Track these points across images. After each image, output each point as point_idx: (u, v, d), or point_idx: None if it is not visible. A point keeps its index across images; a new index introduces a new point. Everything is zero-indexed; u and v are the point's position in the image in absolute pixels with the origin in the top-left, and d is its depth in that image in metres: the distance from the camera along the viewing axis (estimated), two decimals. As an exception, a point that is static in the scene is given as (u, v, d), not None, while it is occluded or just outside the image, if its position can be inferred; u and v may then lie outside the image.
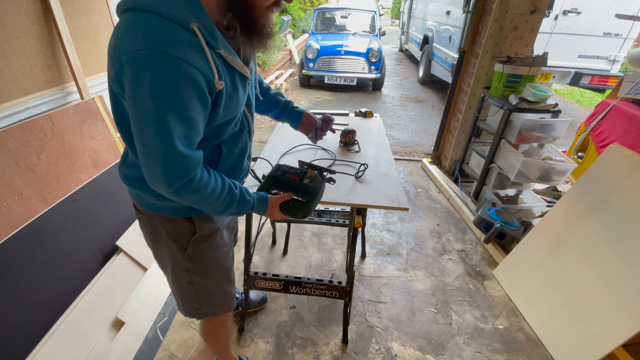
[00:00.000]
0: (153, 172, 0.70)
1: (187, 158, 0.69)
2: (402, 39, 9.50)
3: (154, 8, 0.63)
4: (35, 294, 1.28)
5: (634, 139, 2.12)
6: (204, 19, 0.67)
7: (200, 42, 0.66)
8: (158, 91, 0.62)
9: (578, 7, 4.26)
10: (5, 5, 1.35)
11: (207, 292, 1.03)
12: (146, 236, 0.97)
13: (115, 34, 0.67)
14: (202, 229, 0.92)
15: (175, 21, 0.64)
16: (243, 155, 0.93)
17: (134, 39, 0.62)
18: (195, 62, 0.64)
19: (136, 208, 0.93)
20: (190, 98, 0.66)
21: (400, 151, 3.77)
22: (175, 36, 0.63)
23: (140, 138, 0.67)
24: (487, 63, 2.59)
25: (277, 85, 5.82)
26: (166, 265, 0.99)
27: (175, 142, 0.66)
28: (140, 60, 0.61)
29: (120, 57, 0.62)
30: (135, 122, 0.66)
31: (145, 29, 0.62)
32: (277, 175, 1.00)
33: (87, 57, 1.83)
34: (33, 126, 1.42)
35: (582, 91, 6.58)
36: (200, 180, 0.74)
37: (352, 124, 1.79)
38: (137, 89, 0.62)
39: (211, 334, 1.20)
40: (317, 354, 1.53)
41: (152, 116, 0.64)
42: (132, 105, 0.65)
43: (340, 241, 2.24)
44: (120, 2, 0.68)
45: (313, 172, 1.01)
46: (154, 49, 0.60)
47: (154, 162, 0.68)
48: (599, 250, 1.53)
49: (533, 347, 1.60)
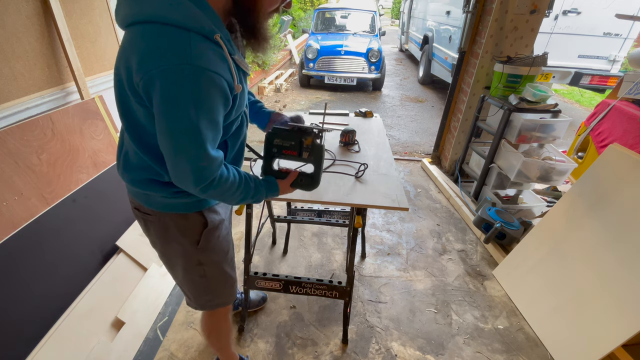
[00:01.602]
0: (183, 174, 0.75)
1: (215, 160, 0.76)
2: (402, 39, 9.50)
3: (181, 23, 0.66)
4: (35, 294, 1.28)
5: (634, 139, 2.11)
6: (222, 28, 0.72)
7: (224, 52, 0.72)
8: (195, 103, 0.67)
9: (578, 7, 4.26)
10: (5, 5, 1.35)
11: (218, 280, 1.07)
12: (154, 237, 0.97)
13: (133, 46, 0.68)
14: (212, 220, 0.96)
15: (201, 33, 0.68)
16: (243, 144, 0.98)
17: (165, 53, 0.64)
18: (222, 72, 0.70)
19: (140, 210, 0.93)
20: (219, 104, 0.72)
21: (400, 151, 3.77)
22: (204, 49, 0.67)
23: (172, 146, 0.71)
24: (487, 63, 2.59)
25: (277, 85, 5.82)
26: (175, 264, 1.00)
27: (207, 147, 0.72)
28: (175, 75, 0.64)
29: (151, 70, 0.65)
30: (168, 132, 0.70)
31: (176, 43, 0.65)
32: (273, 153, 1.00)
33: (87, 57, 1.83)
34: (33, 126, 1.42)
35: (582, 91, 6.57)
36: (221, 177, 0.80)
37: (352, 124, 1.78)
38: (173, 102, 0.66)
39: (214, 329, 1.21)
40: (317, 354, 1.53)
41: (189, 126, 0.68)
42: (165, 116, 0.68)
43: (340, 241, 2.24)
44: (129, 14, 0.69)
45: (309, 140, 0.97)
46: (188, 63, 0.64)
47: (186, 166, 0.73)
48: (599, 250, 1.53)
49: (533, 347, 1.60)
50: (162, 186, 0.85)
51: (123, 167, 0.87)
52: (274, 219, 2.00)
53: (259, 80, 6.07)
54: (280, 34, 7.35)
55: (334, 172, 1.36)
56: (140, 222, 0.97)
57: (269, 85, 5.84)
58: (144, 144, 0.79)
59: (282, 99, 5.40)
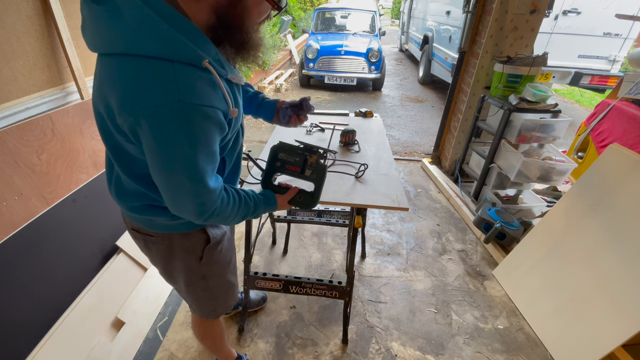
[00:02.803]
0: (183, 207, 0.71)
1: (215, 191, 0.73)
2: (402, 39, 9.50)
3: (162, 54, 0.59)
4: (35, 294, 1.28)
5: (634, 139, 2.11)
6: (210, 49, 0.65)
7: (215, 78, 0.65)
8: (190, 142, 0.63)
9: (578, 7, 4.26)
10: (5, 5, 1.35)
11: (222, 290, 1.07)
12: (156, 257, 0.96)
13: (115, 83, 0.61)
14: (214, 235, 0.94)
15: (187, 62, 0.61)
16: (239, 156, 0.95)
17: (150, 92, 0.59)
18: (215, 102, 0.65)
19: (139, 232, 0.90)
20: (214, 135, 0.67)
21: (400, 151, 3.77)
22: (193, 82, 0.61)
23: (168, 184, 0.68)
24: (487, 63, 2.59)
25: (277, 85, 5.82)
26: (178, 279, 0.99)
27: (206, 180, 0.69)
28: (164, 115, 0.59)
29: (136, 112, 0.59)
30: (162, 171, 0.66)
31: (160, 79, 0.59)
32: (276, 167, 1.00)
33: (87, 57, 1.82)
34: (33, 126, 1.42)
35: (582, 91, 6.57)
36: (222, 204, 0.77)
37: (352, 124, 1.78)
38: (166, 143, 0.62)
39: (208, 333, 1.21)
40: (317, 354, 1.53)
41: (184, 164, 0.65)
42: (157, 156, 0.64)
43: (340, 241, 2.24)
44: (103, 44, 0.62)
45: (313, 158, 0.98)
46: (177, 101, 0.59)
47: (186, 201, 0.70)
48: (599, 250, 1.53)
49: (533, 347, 1.60)
50: (163, 210, 0.81)
51: (117, 195, 0.83)
52: (274, 219, 2.00)
53: (259, 80, 6.07)
54: (280, 34, 7.35)
55: (334, 172, 1.36)
56: (140, 242, 0.94)
57: (269, 85, 5.84)
58: (136, 174, 0.75)
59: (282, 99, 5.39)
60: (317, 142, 1.62)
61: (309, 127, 1.76)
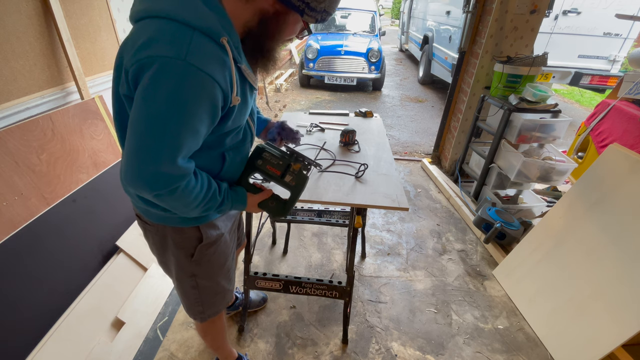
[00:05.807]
0: (140, 174, 0.66)
1: (180, 169, 0.69)
2: (402, 39, 9.50)
3: (187, 20, 0.63)
4: (35, 294, 1.28)
5: (634, 139, 2.11)
6: (233, 34, 0.69)
7: (228, 57, 0.67)
8: (175, 100, 0.62)
9: (578, 7, 4.26)
10: (5, 5, 1.35)
11: (211, 293, 1.06)
12: (152, 246, 0.99)
13: (134, 38, 0.65)
14: (208, 236, 0.94)
15: (206, 34, 0.64)
16: (244, 163, 0.94)
17: (162, 45, 0.61)
18: (218, 77, 0.65)
19: (140, 219, 0.93)
20: (203, 112, 0.66)
21: (400, 151, 3.77)
22: (204, 48, 0.64)
23: (137, 139, 0.64)
24: (487, 63, 2.59)
25: (277, 85, 5.82)
26: (172, 271, 1.01)
27: (175, 153, 0.66)
28: (165, 66, 0.61)
29: (142, 58, 0.61)
30: (138, 122, 0.64)
31: (175, 37, 0.62)
32: (257, 165, 0.95)
33: (87, 57, 1.82)
34: (33, 126, 1.42)
35: (582, 91, 6.57)
36: (185, 189, 0.72)
37: (352, 124, 1.79)
38: (154, 92, 0.62)
39: (209, 329, 1.21)
40: (317, 354, 1.53)
41: (161, 122, 0.63)
42: (141, 105, 0.63)
43: (340, 241, 2.24)
44: (140, 9, 0.67)
45: (297, 166, 0.95)
46: (182, 59, 0.61)
47: (145, 165, 0.65)
48: (599, 250, 1.53)
49: (533, 347, 1.60)
50: None
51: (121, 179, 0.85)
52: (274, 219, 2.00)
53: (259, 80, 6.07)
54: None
55: (334, 172, 1.36)
56: (141, 229, 0.97)
57: (269, 85, 5.84)
58: None
59: (282, 99, 5.39)
60: (317, 142, 1.62)
61: (309, 126, 1.76)
